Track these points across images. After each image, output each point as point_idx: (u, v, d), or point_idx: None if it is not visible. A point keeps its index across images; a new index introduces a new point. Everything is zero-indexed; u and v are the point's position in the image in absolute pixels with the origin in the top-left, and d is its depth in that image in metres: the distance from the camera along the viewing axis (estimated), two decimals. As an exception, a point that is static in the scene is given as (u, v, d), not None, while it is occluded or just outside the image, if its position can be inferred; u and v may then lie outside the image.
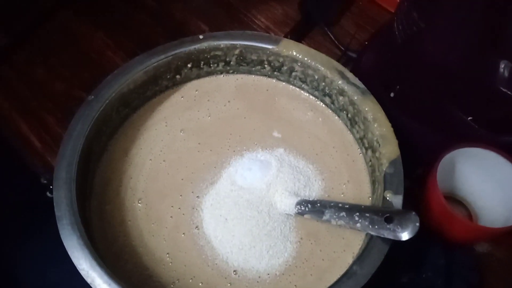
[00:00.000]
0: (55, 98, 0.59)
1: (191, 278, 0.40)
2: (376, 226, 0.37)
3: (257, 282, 0.40)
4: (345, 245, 0.42)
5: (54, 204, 0.38)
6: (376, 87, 0.51)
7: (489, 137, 0.46)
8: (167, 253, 0.41)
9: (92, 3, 0.67)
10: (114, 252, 0.41)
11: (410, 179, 0.48)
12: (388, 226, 0.36)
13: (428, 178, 0.46)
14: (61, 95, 0.59)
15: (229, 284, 0.40)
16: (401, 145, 0.43)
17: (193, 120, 0.49)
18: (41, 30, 0.64)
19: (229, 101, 0.50)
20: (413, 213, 0.36)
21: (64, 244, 0.36)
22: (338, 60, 0.63)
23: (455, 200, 0.52)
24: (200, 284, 0.40)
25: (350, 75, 0.46)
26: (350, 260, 0.41)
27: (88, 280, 0.35)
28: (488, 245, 0.49)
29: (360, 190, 0.45)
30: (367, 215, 0.38)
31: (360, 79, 0.47)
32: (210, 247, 0.42)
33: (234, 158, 0.46)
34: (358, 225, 0.38)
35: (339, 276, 0.39)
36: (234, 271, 0.41)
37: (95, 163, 0.45)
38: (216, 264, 0.41)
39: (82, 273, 0.35)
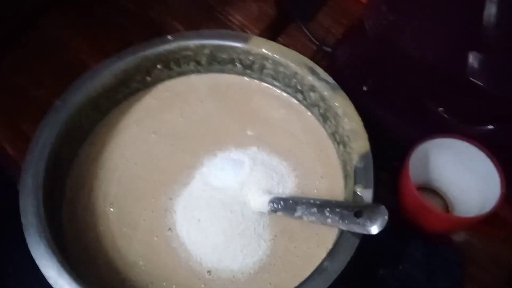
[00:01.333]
0: (34, 105, 0.58)
1: (165, 281, 0.40)
2: (346, 221, 0.37)
3: (232, 281, 0.40)
4: (319, 241, 0.41)
5: (21, 212, 0.37)
6: (350, 81, 0.50)
7: (461, 128, 0.46)
8: (140, 257, 0.41)
9: (74, 10, 0.66)
10: (87, 258, 0.41)
11: (388, 172, 0.47)
12: (357, 220, 0.36)
13: (402, 170, 0.46)
14: (41, 102, 0.58)
15: (203, 285, 0.40)
16: (376, 138, 0.43)
17: (166, 122, 0.48)
18: (25, 37, 0.63)
19: (201, 101, 0.50)
20: (382, 206, 0.36)
21: (32, 253, 0.36)
22: (314, 55, 0.63)
23: (431, 191, 0.52)
24: (174, 286, 0.40)
25: (320, 70, 0.46)
26: (324, 256, 0.41)
27: (56, 288, 0.34)
28: (465, 234, 0.49)
29: (333, 185, 0.44)
30: (337, 210, 0.37)
31: (334, 74, 0.47)
32: (183, 249, 0.41)
33: (207, 158, 0.46)
34: (329, 220, 0.38)
35: (313, 273, 0.39)
36: (208, 271, 0.40)
37: (65, 169, 0.44)
38: (190, 265, 0.41)
39: (50, 281, 0.34)
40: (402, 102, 0.49)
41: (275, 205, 0.42)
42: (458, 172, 0.48)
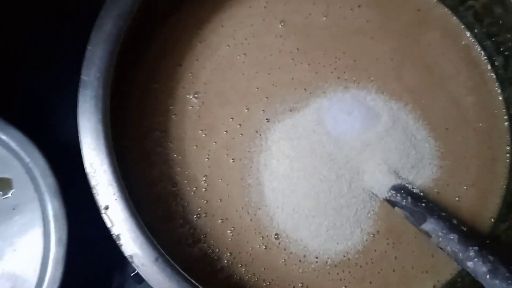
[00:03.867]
0: None
1: (222, 219, 0.31)
2: (496, 281, 0.24)
3: (299, 261, 0.30)
4: (431, 266, 0.30)
5: (84, 63, 0.27)
6: None
7: None
8: (205, 176, 0.32)
9: None
10: (142, 148, 0.32)
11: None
12: (517, 293, 0.24)
13: None
14: None
15: (263, 247, 0.31)
16: None
17: (302, 14, 0.35)
18: None
19: (359, 6, 0.35)
20: None
21: (78, 122, 0.26)
22: None
23: None
24: (230, 231, 0.31)
25: (561, 40, 0.29)
26: (428, 288, 0.30)
27: (92, 182, 0.26)
28: None
29: (483, 203, 0.31)
30: (491, 258, 0.25)
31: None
32: (258, 191, 0.31)
33: (334, 88, 0.33)
34: (470, 264, 0.26)
35: (404, 301, 0.29)
36: (276, 234, 0.31)
37: (156, 24, 0.33)
38: (258, 215, 0.31)
39: (88, 170, 0.26)
40: None
41: (398, 197, 0.30)
42: None
